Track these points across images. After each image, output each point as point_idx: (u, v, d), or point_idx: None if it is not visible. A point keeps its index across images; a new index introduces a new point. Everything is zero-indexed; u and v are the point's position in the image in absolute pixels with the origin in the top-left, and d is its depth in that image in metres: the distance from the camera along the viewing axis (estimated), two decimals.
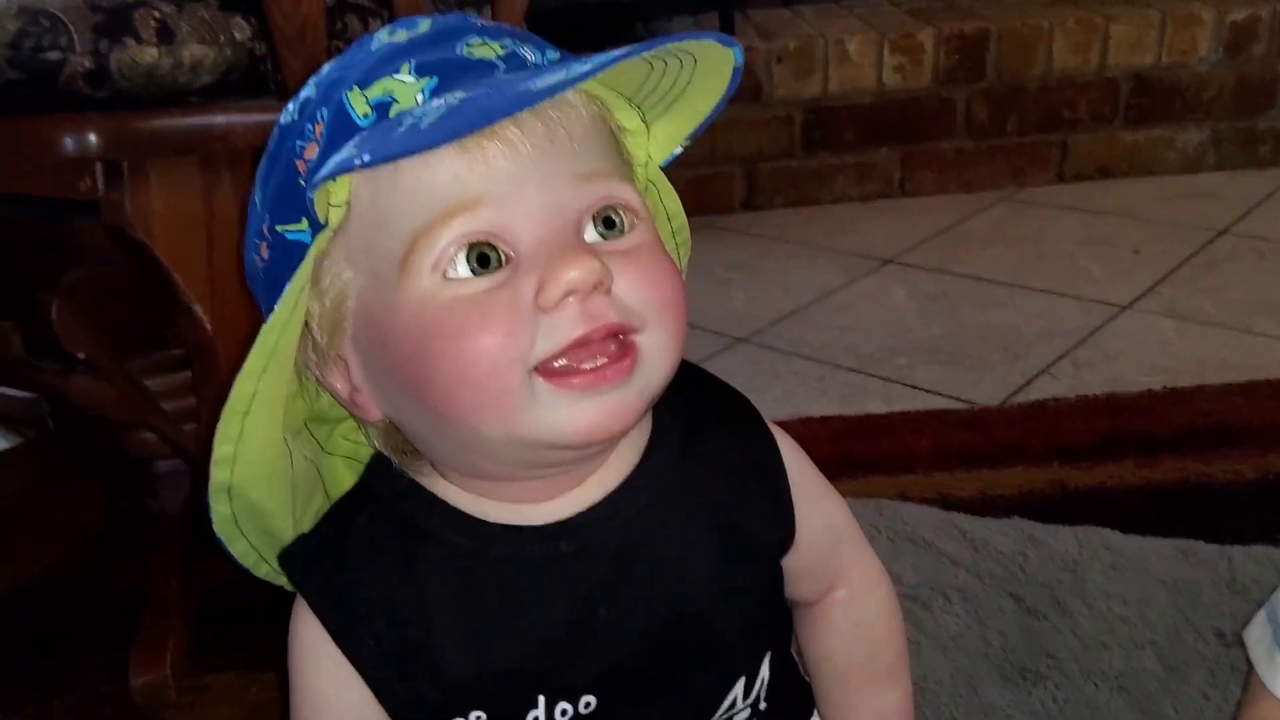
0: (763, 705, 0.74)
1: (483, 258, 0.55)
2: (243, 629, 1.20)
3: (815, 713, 0.82)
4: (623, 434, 0.60)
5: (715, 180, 2.47)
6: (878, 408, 1.65)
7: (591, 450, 0.60)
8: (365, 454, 0.68)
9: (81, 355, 1.04)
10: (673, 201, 0.70)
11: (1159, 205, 2.39)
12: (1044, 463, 1.46)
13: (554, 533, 0.63)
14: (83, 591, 1.29)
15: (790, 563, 0.71)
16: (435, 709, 0.64)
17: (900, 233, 2.33)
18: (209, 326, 1.00)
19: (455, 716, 0.64)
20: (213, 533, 0.63)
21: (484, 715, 0.64)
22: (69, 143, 0.90)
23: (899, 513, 1.20)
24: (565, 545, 0.63)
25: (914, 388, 1.74)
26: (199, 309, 0.99)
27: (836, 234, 2.32)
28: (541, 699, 0.65)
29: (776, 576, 0.71)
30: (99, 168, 0.92)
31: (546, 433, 0.57)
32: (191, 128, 0.98)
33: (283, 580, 0.70)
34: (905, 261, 2.20)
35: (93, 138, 0.90)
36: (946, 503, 1.29)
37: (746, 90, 2.39)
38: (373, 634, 0.63)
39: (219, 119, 0.98)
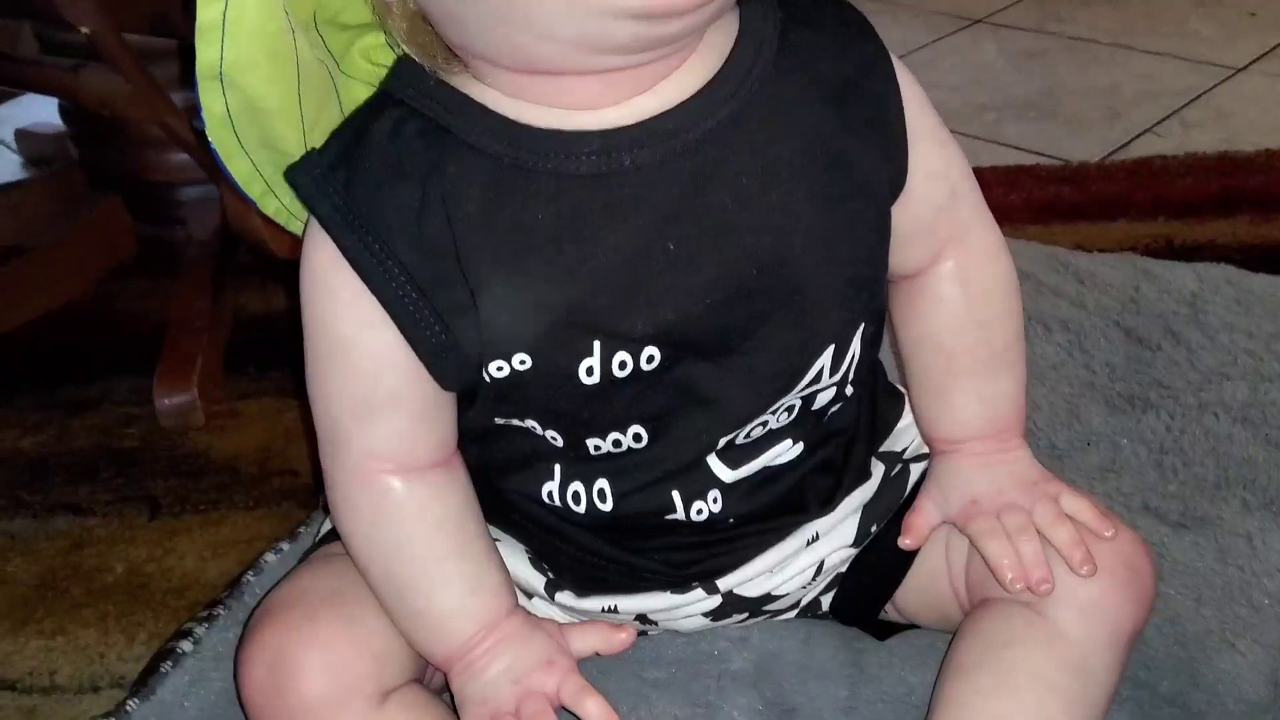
0: (849, 389, 0.64)
1: None
2: (276, 359, 1.13)
3: (905, 410, 0.72)
4: (710, 11, 0.48)
5: None
6: None
7: (671, 28, 0.48)
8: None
9: (86, 30, 0.93)
10: None
11: None
12: (1149, 217, 1.35)
13: (615, 142, 0.52)
14: (108, 319, 1.22)
15: (898, 216, 0.59)
16: (472, 351, 0.54)
17: None
18: None
19: (495, 360, 0.54)
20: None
21: (528, 360, 0.55)
22: None
23: None
24: (629, 158, 0.52)
25: (1004, 144, 1.60)
26: None
27: None
28: (597, 345, 0.54)
29: (883, 227, 0.59)
30: None
31: None
32: None
33: (296, 221, 0.59)
34: (997, 21, 2.02)
35: None
36: None
37: None
38: (397, 262, 0.53)
39: None
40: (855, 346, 0.61)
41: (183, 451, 1.02)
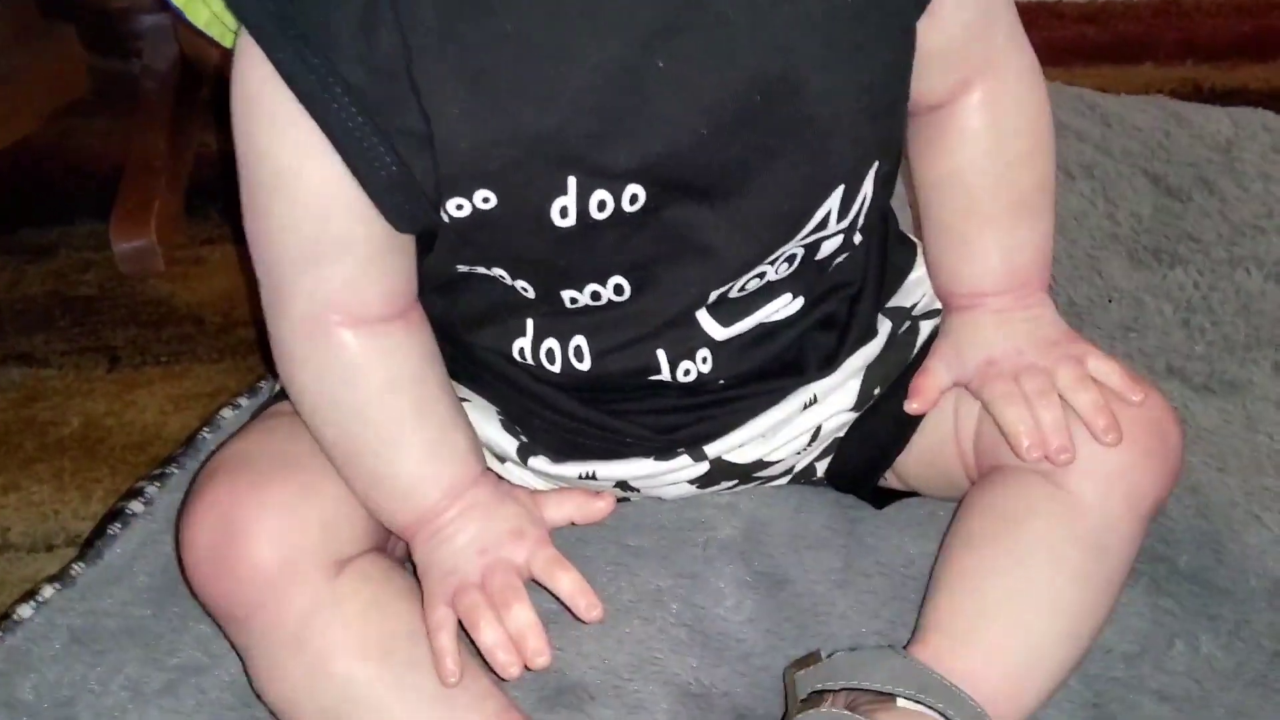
0: (856, 237, 0.57)
1: None
2: (240, 202, 1.06)
3: (917, 261, 0.65)
4: None
5: None
6: None
7: None
8: None
9: None
10: None
11: None
12: (1176, 60, 1.29)
13: None
14: (64, 159, 1.15)
15: (925, 35, 0.52)
16: (428, 187, 0.48)
17: None
18: None
19: (455, 197, 0.48)
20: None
21: (493, 197, 0.48)
22: None
23: None
24: None
25: None
26: None
27: None
28: (572, 182, 0.48)
29: (907, 45, 0.52)
30: None
31: None
32: None
33: (230, 34, 0.52)
34: None
35: None
36: None
37: None
38: (341, 80, 0.46)
39: None
40: (867, 187, 0.54)
41: (143, 300, 0.97)
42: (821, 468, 0.66)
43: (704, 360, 0.57)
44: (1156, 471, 0.56)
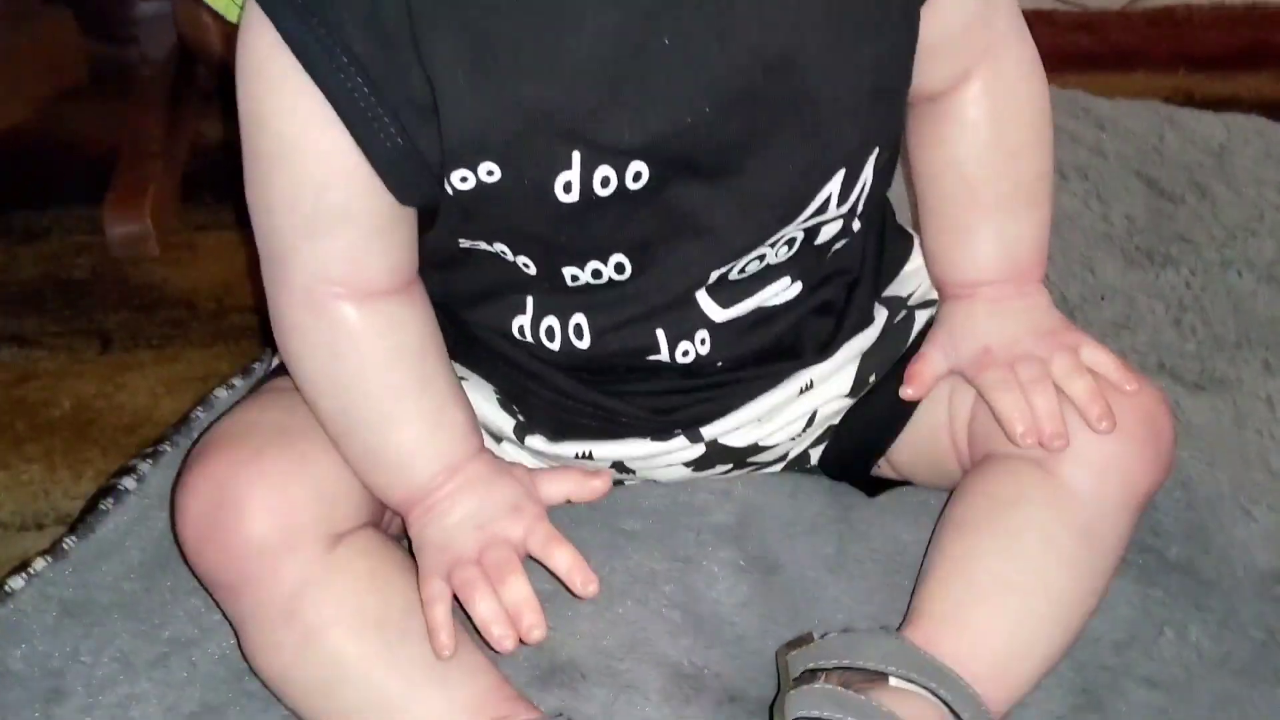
0: (856, 223, 0.58)
1: None
2: (236, 189, 1.06)
3: (914, 252, 0.66)
4: None
5: None
6: None
7: None
8: None
9: None
10: None
11: None
12: (1169, 69, 1.28)
13: None
14: (59, 144, 1.14)
15: (926, 24, 0.53)
16: (432, 159, 0.48)
17: None
18: None
19: (459, 169, 0.48)
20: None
21: (497, 170, 0.48)
22: None
23: None
24: None
25: None
26: None
27: None
28: (576, 156, 0.48)
29: (910, 28, 0.52)
30: None
31: None
32: None
33: (236, 7, 0.52)
34: None
35: None
36: None
37: None
38: (347, 50, 0.46)
39: None
40: (868, 173, 0.55)
41: (136, 284, 0.96)
42: (816, 455, 0.67)
43: (702, 342, 0.57)
44: (1149, 461, 0.57)
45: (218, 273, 0.97)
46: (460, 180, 0.49)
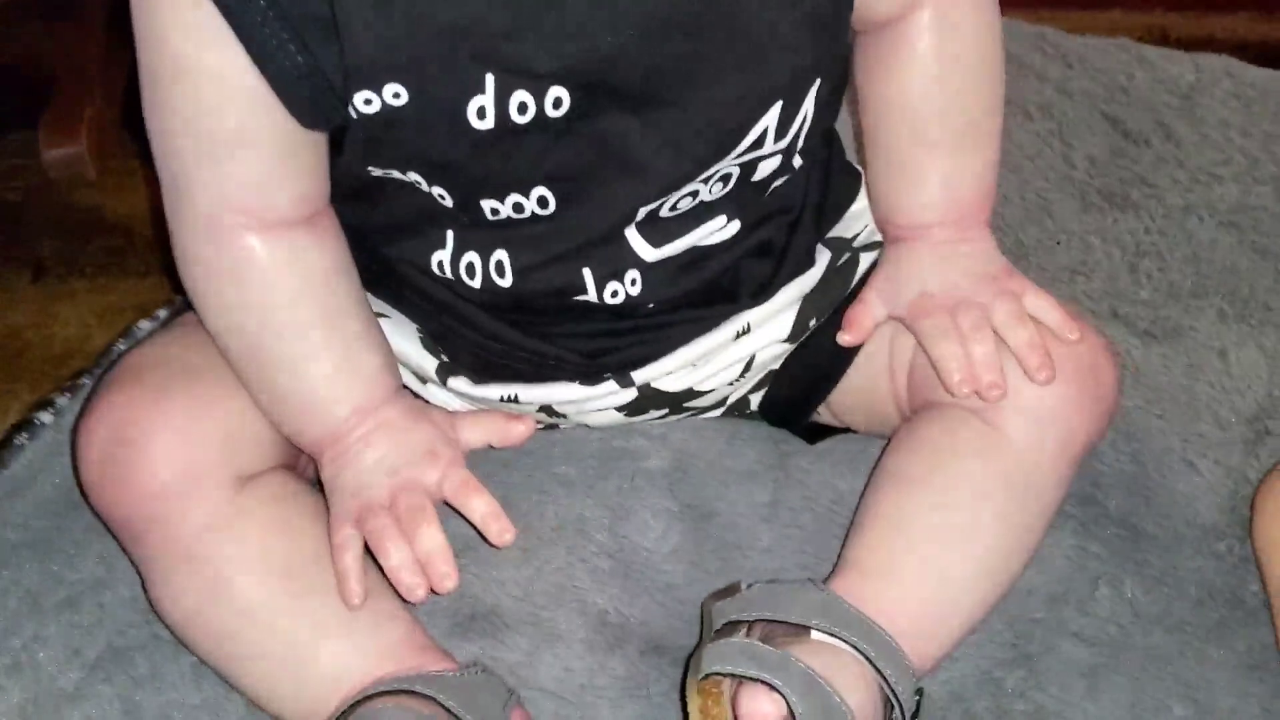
0: (796, 160, 0.55)
1: None
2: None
3: (861, 192, 0.63)
4: None
5: None
6: None
7: None
8: None
9: None
10: None
11: None
12: (1144, 7, 1.26)
13: None
14: None
15: None
16: (335, 79, 0.45)
17: None
18: None
19: (363, 90, 0.45)
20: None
21: (403, 92, 0.45)
22: None
23: None
24: None
25: None
26: None
27: None
28: (490, 80, 0.45)
29: None
30: None
31: None
32: None
33: None
34: None
35: None
36: None
37: None
38: None
39: None
40: (808, 106, 0.52)
41: (73, 210, 0.94)
42: (756, 400, 0.65)
43: (633, 282, 0.55)
44: (1089, 412, 0.55)
45: (156, 199, 0.94)
46: (364, 103, 0.46)
